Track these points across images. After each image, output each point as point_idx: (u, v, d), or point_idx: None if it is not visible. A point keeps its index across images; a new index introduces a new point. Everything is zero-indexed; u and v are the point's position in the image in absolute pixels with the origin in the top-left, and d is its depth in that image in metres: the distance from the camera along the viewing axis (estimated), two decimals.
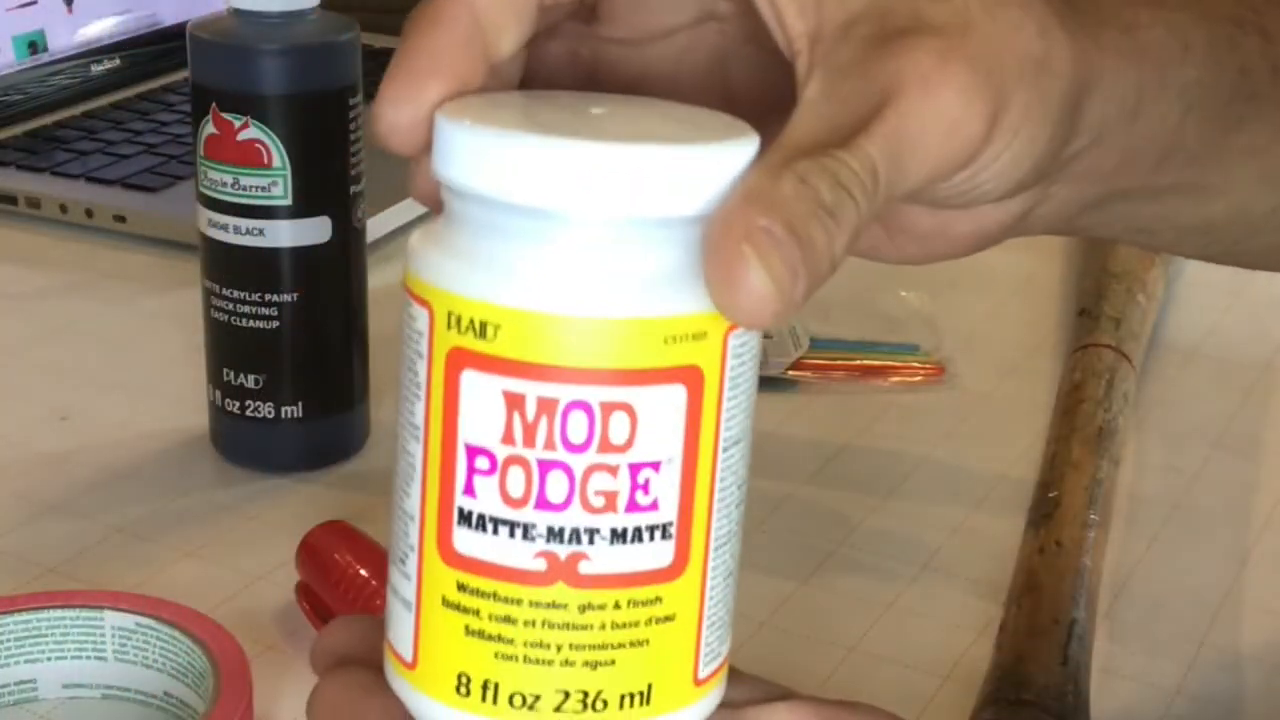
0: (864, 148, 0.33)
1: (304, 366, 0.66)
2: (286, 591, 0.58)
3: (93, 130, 1.01)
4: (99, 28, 1.11)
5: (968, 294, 0.86)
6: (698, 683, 0.34)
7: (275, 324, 0.65)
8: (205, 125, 0.63)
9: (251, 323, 0.65)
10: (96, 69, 1.10)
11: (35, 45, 1.07)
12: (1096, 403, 0.68)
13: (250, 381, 0.66)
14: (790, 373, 0.76)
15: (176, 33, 1.15)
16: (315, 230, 0.64)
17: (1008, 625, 0.55)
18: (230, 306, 0.65)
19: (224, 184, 0.64)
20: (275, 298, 0.65)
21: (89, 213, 0.90)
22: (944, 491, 0.68)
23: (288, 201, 0.63)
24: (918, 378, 0.77)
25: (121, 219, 0.90)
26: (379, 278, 0.71)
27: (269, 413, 0.66)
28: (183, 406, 0.72)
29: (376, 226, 0.87)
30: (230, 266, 0.65)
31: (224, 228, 0.64)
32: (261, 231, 0.64)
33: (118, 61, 1.11)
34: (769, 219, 0.31)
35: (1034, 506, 0.62)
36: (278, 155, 0.63)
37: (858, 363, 0.77)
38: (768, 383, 0.76)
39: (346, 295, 0.67)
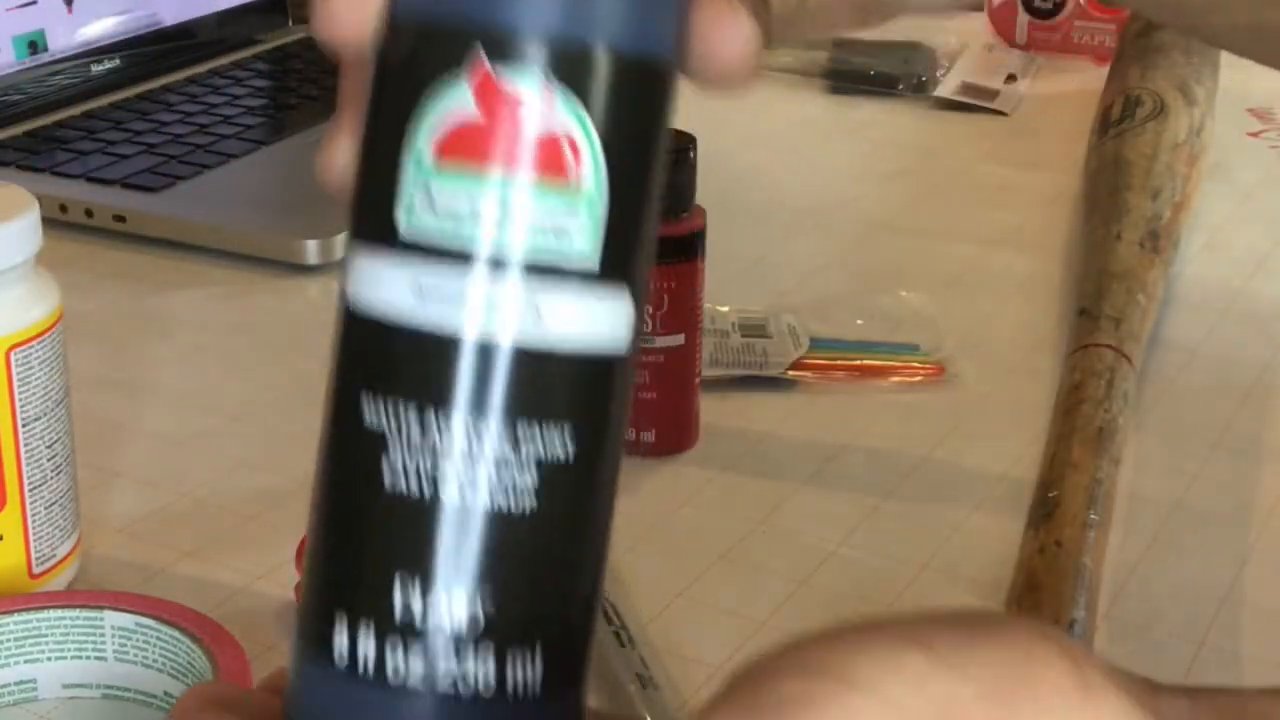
0: None
1: (557, 586, 0.34)
2: (286, 591, 0.58)
3: (93, 130, 1.01)
4: (99, 28, 1.11)
5: (968, 294, 0.86)
6: (33, 576, 0.54)
7: (529, 502, 0.33)
8: (442, 93, 0.33)
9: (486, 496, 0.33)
10: (96, 69, 1.10)
11: (35, 45, 1.07)
12: (1096, 403, 0.68)
13: (450, 604, 0.33)
14: (790, 373, 0.76)
15: (176, 33, 1.15)
16: (616, 318, 0.34)
17: None
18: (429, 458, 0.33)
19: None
20: (540, 443, 0.33)
21: (89, 213, 0.90)
22: (944, 491, 0.68)
23: (593, 256, 0.33)
24: (918, 378, 0.77)
25: (121, 219, 0.90)
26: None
27: (482, 678, 0.33)
28: (183, 407, 0.72)
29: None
30: (450, 377, 0.33)
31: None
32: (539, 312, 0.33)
33: (118, 61, 1.11)
34: None
35: (1034, 506, 0.62)
36: (592, 161, 0.33)
37: (858, 363, 0.77)
38: (768, 383, 0.76)
39: (616, 457, 0.35)
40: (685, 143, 0.67)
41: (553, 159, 0.33)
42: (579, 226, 0.33)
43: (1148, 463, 0.70)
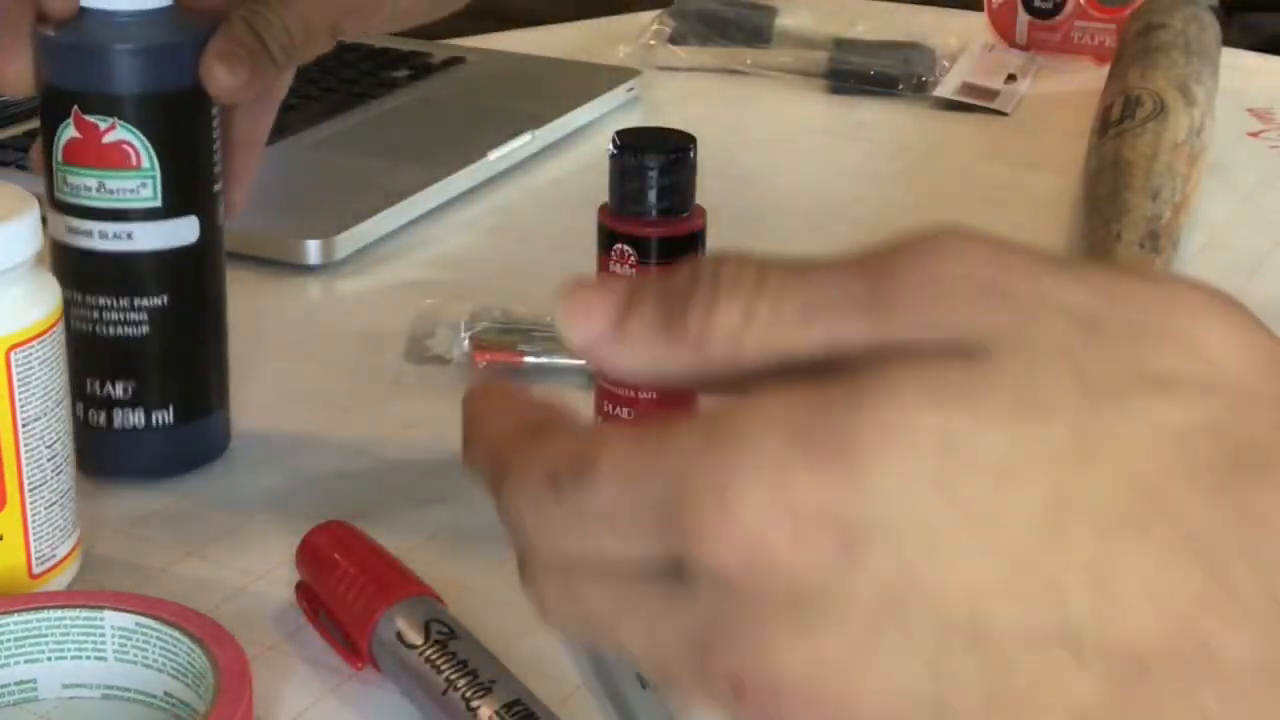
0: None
1: (174, 371, 0.65)
2: (286, 591, 0.58)
3: None
4: None
5: None
6: (33, 576, 0.57)
7: (144, 330, 0.63)
8: (65, 129, 0.62)
9: (120, 330, 0.63)
10: None
11: None
12: None
13: (119, 391, 0.64)
14: None
15: None
16: (183, 231, 0.63)
17: None
18: (95, 315, 0.63)
19: (88, 189, 0.61)
20: (144, 302, 0.63)
21: None
22: None
23: (157, 203, 0.62)
24: None
25: None
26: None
27: (139, 421, 0.64)
28: None
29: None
30: (95, 273, 0.63)
31: (88, 234, 0.62)
32: (130, 235, 0.62)
33: None
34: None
35: None
36: (146, 156, 0.61)
37: None
38: None
39: (214, 295, 0.65)
40: (685, 143, 0.67)
41: (120, 157, 0.61)
42: (146, 188, 0.62)
43: None
